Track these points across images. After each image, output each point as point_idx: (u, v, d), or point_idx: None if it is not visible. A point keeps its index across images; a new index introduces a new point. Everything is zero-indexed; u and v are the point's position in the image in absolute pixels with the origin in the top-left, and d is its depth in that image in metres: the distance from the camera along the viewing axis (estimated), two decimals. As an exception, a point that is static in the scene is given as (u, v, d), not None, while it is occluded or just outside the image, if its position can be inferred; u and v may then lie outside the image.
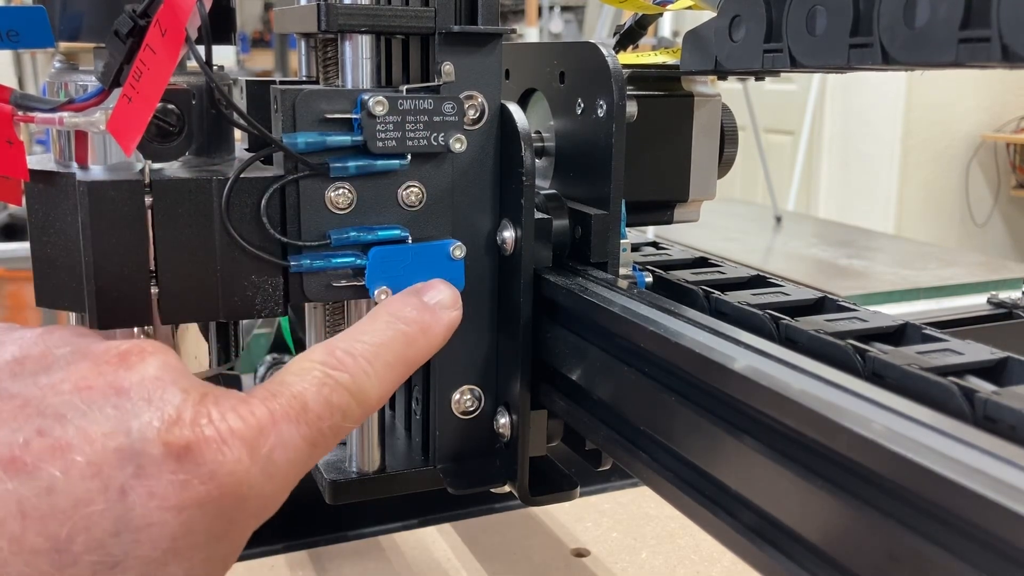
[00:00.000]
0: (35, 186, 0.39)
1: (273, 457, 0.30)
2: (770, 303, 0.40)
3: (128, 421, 0.28)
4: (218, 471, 0.28)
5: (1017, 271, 1.96)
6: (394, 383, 0.35)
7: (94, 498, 0.26)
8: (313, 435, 0.31)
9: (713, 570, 0.60)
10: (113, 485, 0.27)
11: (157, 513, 0.27)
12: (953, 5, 0.30)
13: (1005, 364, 0.32)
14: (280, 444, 0.30)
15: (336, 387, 0.33)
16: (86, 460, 0.27)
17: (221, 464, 0.28)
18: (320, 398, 0.32)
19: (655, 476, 0.37)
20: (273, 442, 0.30)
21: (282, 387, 0.32)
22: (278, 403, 0.31)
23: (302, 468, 0.32)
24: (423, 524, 0.68)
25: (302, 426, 0.31)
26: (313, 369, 0.33)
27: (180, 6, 0.34)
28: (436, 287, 0.39)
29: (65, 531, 0.26)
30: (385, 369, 0.35)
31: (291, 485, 0.31)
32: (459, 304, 0.40)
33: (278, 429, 0.30)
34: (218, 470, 0.28)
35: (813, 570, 0.29)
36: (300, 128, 0.39)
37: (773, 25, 0.39)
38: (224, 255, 0.39)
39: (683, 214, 0.53)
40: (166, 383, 0.29)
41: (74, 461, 0.26)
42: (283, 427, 0.30)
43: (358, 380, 0.33)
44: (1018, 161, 3.41)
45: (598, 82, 0.45)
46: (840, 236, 2.31)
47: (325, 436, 0.32)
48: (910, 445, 0.24)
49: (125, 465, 0.27)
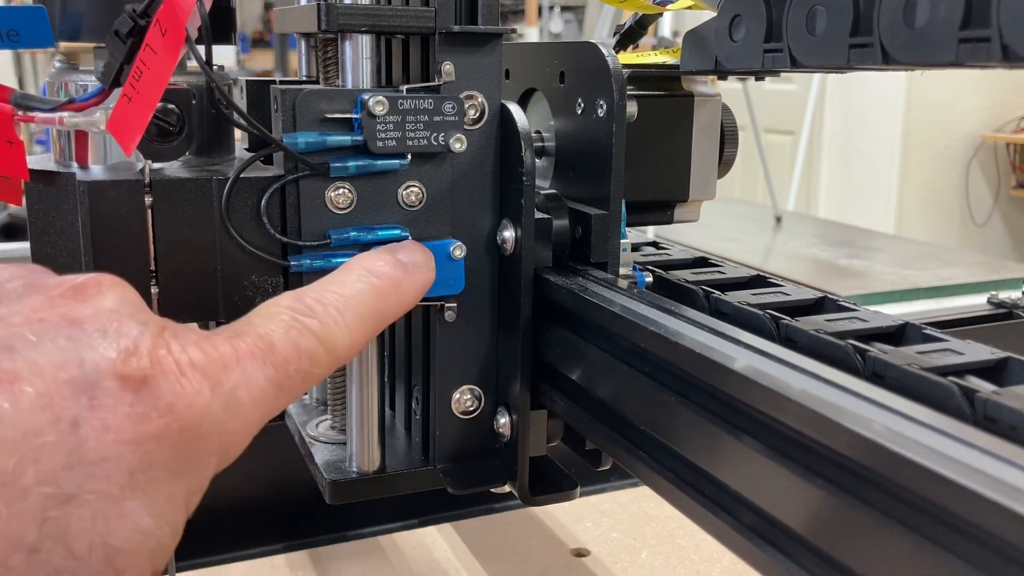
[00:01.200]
0: (35, 186, 0.39)
1: (236, 394, 0.29)
2: (770, 303, 0.40)
3: (82, 353, 0.27)
4: (176, 403, 0.27)
5: (1017, 271, 1.95)
6: (364, 337, 0.34)
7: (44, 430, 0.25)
8: (279, 377, 0.30)
9: (713, 570, 0.60)
10: (65, 417, 0.26)
11: (113, 447, 0.26)
12: (953, 5, 0.30)
13: (1005, 364, 0.32)
14: (244, 382, 0.29)
15: (304, 331, 0.32)
16: (36, 391, 0.25)
17: (179, 396, 0.27)
18: (288, 340, 0.31)
19: (655, 476, 0.37)
20: (236, 378, 0.29)
21: (247, 327, 0.31)
22: (243, 341, 0.30)
23: (268, 410, 0.31)
24: (423, 524, 0.68)
25: (267, 367, 0.30)
26: (281, 313, 0.32)
27: (180, 6, 0.34)
28: (410, 247, 0.39)
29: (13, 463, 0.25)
30: (356, 320, 0.34)
31: (256, 426, 0.30)
32: (432, 266, 0.39)
33: (242, 366, 0.29)
34: (176, 402, 0.27)
35: (813, 570, 0.29)
36: (300, 128, 0.39)
37: (773, 25, 0.39)
38: (224, 255, 0.39)
39: (683, 214, 0.53)
40: (123, 316, 0.28)
41: (23, 392, 0.25)
42: (247, 365, 0.30)
43: (327, 327, 0.33)
44: (1018, 161, 3.41)
45: (598, 82, 0.45)
46: (840, 236, 2.31)
47: (292, 379, 0.31)
48: (910, 445, 0.24)
49: (78, 397, 0.26)
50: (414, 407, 0.48)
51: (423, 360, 0.46)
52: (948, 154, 3.35)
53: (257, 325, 0.31)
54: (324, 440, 0.48)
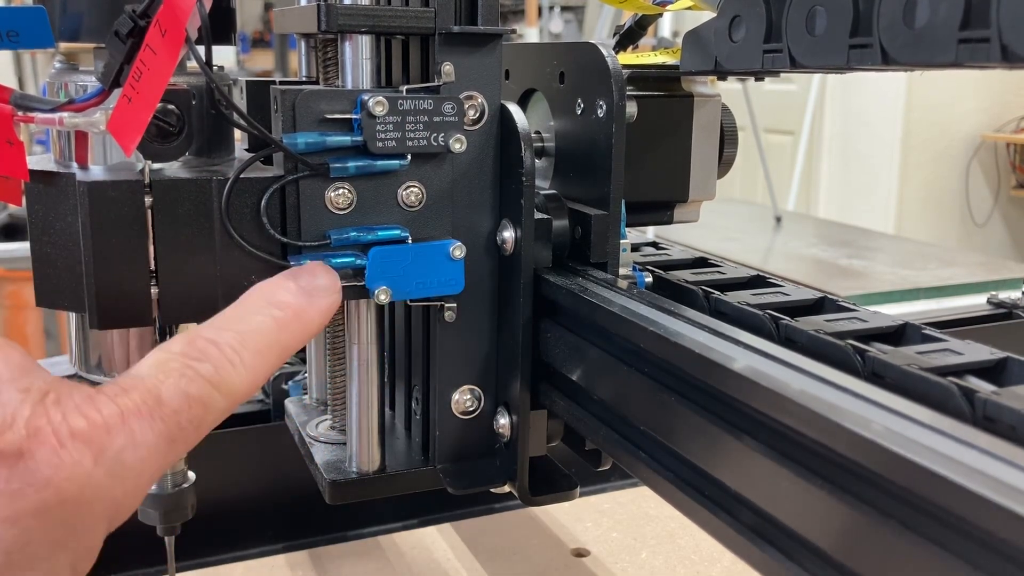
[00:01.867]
0: (35, 186, 0.39)
1: (122, 458, 0.28)
2: (770, 303, 0.40)
3: None
4: (54, 476, 0.27)
5: (1017, 271, 1.96)
6: (266, 372, 0.34)
7: None
8: (170, 430, 0.30)
9: (713, 570, 0.60)
10: None
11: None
12: (953, 5, 0.30)
13: (1005, 364, 0.32)
14: (131, 443, 0.29)
15: (195, 378, 0.31)
16: None
17: (58, 468, 0.27)
18: (177, 390, 0.30)
19: (655, 476, 0.37)
20: (122, 441, 0.28)
21: (135, 380, 0.30)
22: (129, 399, 0.29)
23: (160, 466, 0.30)
24: (423, 524, 0.68)
25: (156, 422, 0.29)
26: (170, 360, 0.31)
27: (180, 6, 0.34)
28: (313, 270, 0.37)
29: None
30: (254, 357, 0.33)
31: (149, 484, 0.30)
32: (338, 288, 0.38)
33: (128, 427, 0.29)
34: (54, 475, 0.27)
35: (813, 570, 0.29)
36: (300, 128, 0.39)
37: (773, 25, 0.39)
38: (224, 255, 0.39)
39: (683, 214, 0.53)
40: (3, 382, 0.28)
41: None
42: (134, 424, 0.29)
43: (222, 370, 0.32)
44: (1018, 161, 3.41)
45: (598, 82, 0.45)
46: (840, 236, 2.31)
47: (184, 431, 0.30)
48: (910, 445, 0.24)
49: None
50: (414, 407, 0.48)
51: (423, 360, 0.46)
52: (948, 154, 3.35)
53: (145, 378, 0.30)
54: (324, 440, 0.48)
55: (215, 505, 0.60)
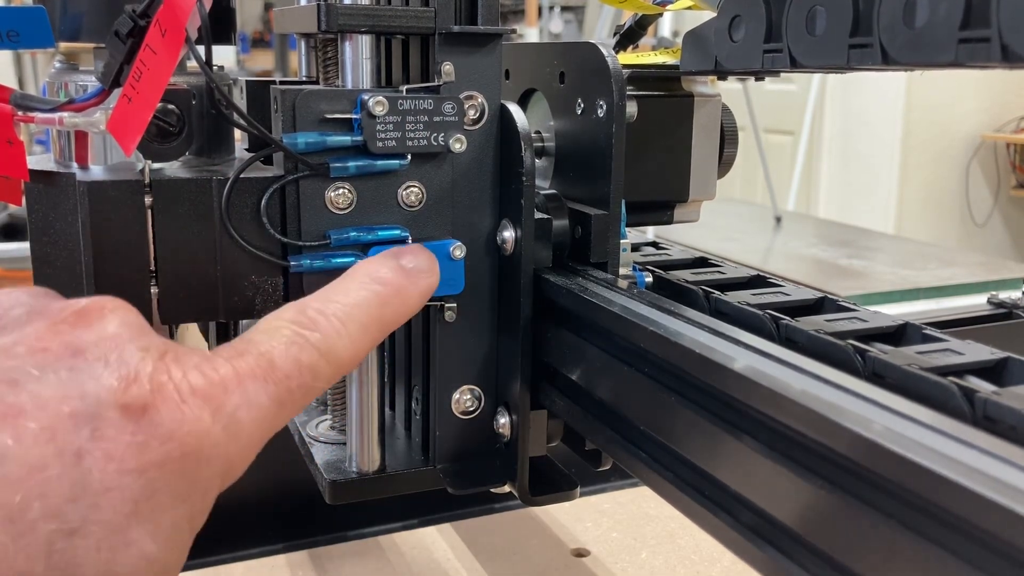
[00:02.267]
0: (35, 186, 0.39)
1: (237, 416, 0.29)
2: (770, 303, 0.40)
3: (83, 384, 0.27)
4: (177, 430, 0.28)
5: (1017, 271, 1.96)
6: (368, 345, 0.35)
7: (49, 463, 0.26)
8: (281, 394, 0.31)
9: (713, 570, 0.60)
10: (68, 450, 0.26)
11: (115, 477, 0.26)
12: (953, 5, 0.30)
13: (1005, 364, 0.32)
14: (245, 403, 0.29)
15: (305, 345, 0.32)
16: (39, 426, 0.26)
17: (180, 423, 0.28)
18: (288, 356, 0.31)
19: (655, 476, 0.37)
20: (237, 400, 0.29)
21: (249, 345, 0.31)
22: (244, 361, 0.30)
23: (270, 428, 0.31)
24: (423, 524, 0.68)
25: (269, 384, 0.30)
26: (283, 327, 0.32)
27: (180, 6, 0.34)
28: (414, 251, 0.39)
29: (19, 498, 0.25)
30: (359, 330, 0.34)
31: (259, 445, 0.31)
32: (436, 270, 0.39)
33: (243, 387, 0.30)
34: (177, 429, 0.28)
35: (813, 570, 0.29)
36: (300, 128, 0.39)
37: (773, 25, 0.39)
38: (224, 255, 0.39)
39: (683, 214, 0.53)
40: (124, 341, 0.29)
41: (26, 427, 0.26)
42: (248, 385, 0.30)
43: (329, 339, 0.33)
44: (1018, 161, 3.41)
45: (598, 82, 0.45)
46: (840, 236, 2.31)
47: (294, 395, 0.31)
48: (910, 445, 0.24)
49: (80, 429, 0.26)
50: (414, 407, 0.48)
51: (423, 360, 0.46)
52: (948, 154, 3.35)
53: (259, 343, 0.31)
54: (324, 440, 0.48)
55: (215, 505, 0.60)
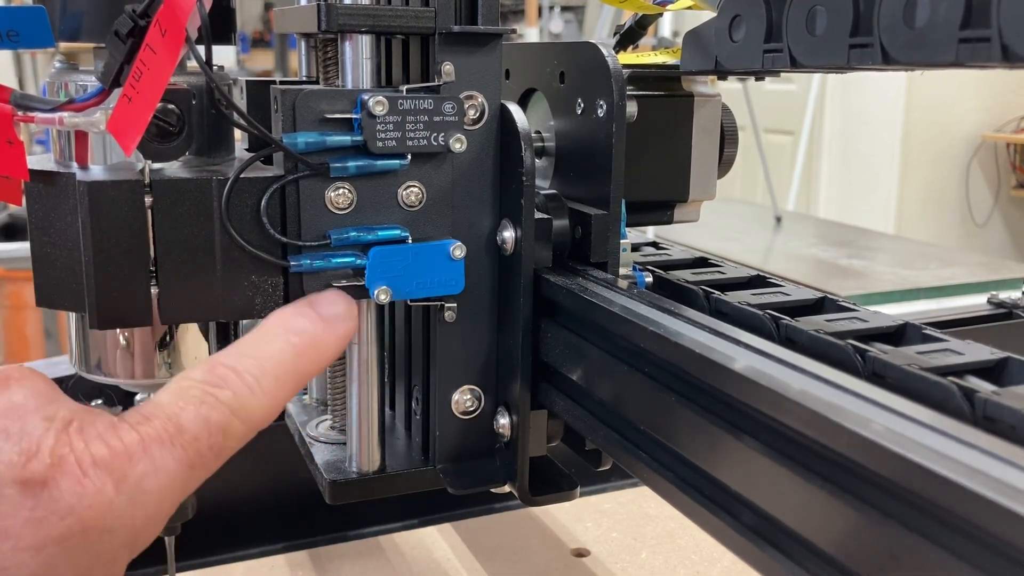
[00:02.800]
0: (35, 186, 0.39)
1: (143, 484, 0.29)
2: (770, 303, 0.40)
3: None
4: (77, 504, 0.27)
5: (1017, 271, 1.96)
6: (284, 398, 0.34)
7: None
8: (190, 457, 0.30)
9: (713, 570, 0.60)
10: None
11: (12, 555, 0.26)
12: (953, 5, 0.30)
13: (1005, 364, 0.32)
14: (152, 470, 0.29)
15: (216, 405, 0.31)
16: None
17: (81, 497, 0.27)
18: (198, 417, 0.31)
19: (655, 476, 0.37)
20: (143, 468, 0.29)
21: (156, 408, 0.31)
22: (151, 426, 0.30)
23: (181, 491, 0.30)
24: (423, 524, 0.68)
25: (176, 449, 0.30)
26: (191, 387, 0.32)
27: (180, 6, 0.34)
28: (331, 298, 0.38)
29: None
30: (273, 384, 0.33)
31: (169, 510, 0.30)
32: (354, 315, 0.38)
33: (149, 454, 0.29)
34: (77, 504, 0.27)
35: (813, 570, 0.29)
36: (300, 128, 0.39)
37: (773, 25, 0.39)
38: (224, 255, 0.39)
39: (683, 214, 0.53)
40: (27, 412, 0.28)
41: None
42: (155, 451, 0.29)
43: (240, 397, 0.32)
44: (1018, 161, 3.41)
45: (598, 82, 0.45)
46: (840, 236, 2.31)
47: (204, 457, 0.31)
48: (910, 445, 0.24)
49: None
50: (414, 407, 0.48)
51: (423, 360, 0.46)
52: (948, 154, 3.35)
53: (166, 405, 0.31)
54: (324, 440, 0.48)
55: (215, 505, 0.60)
